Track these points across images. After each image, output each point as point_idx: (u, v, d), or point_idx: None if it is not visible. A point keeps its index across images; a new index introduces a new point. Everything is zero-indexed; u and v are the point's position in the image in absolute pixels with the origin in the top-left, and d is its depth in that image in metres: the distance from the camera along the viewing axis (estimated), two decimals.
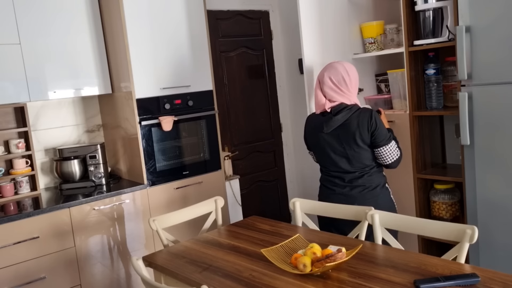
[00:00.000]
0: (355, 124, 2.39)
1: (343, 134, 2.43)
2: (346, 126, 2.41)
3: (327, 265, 1.72)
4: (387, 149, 2.40)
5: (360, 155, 2.43)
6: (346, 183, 2.47)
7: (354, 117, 2.40)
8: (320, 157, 2.60)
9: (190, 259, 2.10)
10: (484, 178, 2.52)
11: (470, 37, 2.44)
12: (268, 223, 2.47)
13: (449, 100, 2.91)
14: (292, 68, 4.41)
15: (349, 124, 2.41)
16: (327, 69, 2.52)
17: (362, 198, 2.42)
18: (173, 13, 3.25)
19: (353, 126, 2.40)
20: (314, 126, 2.56)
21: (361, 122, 2.38)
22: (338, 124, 2.43)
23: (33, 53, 2.92)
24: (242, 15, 4.20)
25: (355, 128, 2.39)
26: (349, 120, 2.41)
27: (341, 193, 2.48)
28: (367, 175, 2.45)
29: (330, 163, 2.52)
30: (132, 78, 3.07)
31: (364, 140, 2.40)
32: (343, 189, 2.48)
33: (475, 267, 1.73)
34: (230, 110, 4.15)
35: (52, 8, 2.99)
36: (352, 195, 2.45)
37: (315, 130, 2.56)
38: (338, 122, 2.43)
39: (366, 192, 2.44)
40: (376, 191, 2.45)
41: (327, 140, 2.49)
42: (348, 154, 2.44)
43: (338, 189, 2.49)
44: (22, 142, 3.07)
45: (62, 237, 2.81)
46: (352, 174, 2.46)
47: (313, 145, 2.62)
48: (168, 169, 3.28)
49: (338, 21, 3.18)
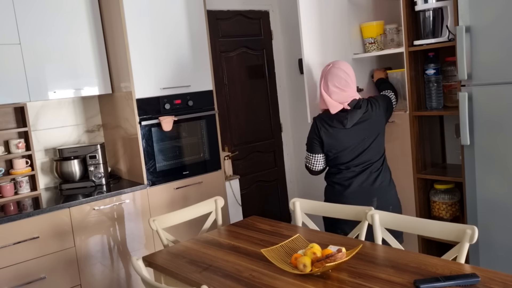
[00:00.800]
0: (375, 112, 2.59)
1: (365, 125, 2.56)
2: (368, 117, 2.56)
3: (327, 265, 1.72)
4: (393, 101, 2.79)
5: (378, 143, 2.59)
6: (369, 175, 2.57)
7: (369, 108, 2.58)
8: (340, 155, 2.58)
9: (190, 259, 2.10)
10: (484, 178, 2.52)
11: (470, 37, 2.44)
12: (268, 223, 2.48)
13: (449, 100, 2.91)
14: (292, 68, 4.41)
15: (369, 114, 2.57)
16: (328, 78, 2.58)
17: (381, 191, 2.57)
18: (173, 13, 3.25)
19: (375, 114, 2.58)
20: (330, 125, 2.57)
21: (379, 107, 2.62)
22: (359, 116, 2.55)
23: (33, 53, 2.92)
24: (242, 15, 4.20)
25: (377, 115, 2.59)
26: (367, 112, 2.57)
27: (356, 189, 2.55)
28: (383, 169, 2.60)
29: (352, 158, 2.57)
30: (132, 78, 3.07)
31: (383, 122, 2.64)
32: (363, 183, 2.56)
33: (475, 267, 1.73)
34: (230, 110, 4.15)
35: (52, 8, 2.99)
36: (370, 189, 2.55)
37: (332, 129, 2.57)
38: (359, 115, 2.55)
39: (385, 186, 2.58)
40: (391, 185, 2.62)
41: (349, 135, 2.56)
42: (372, 143, 2.57)
43: (355, 184, 2.56)
44: (22, 142, 3.07)
45: (62, 237, 2.81)
46: (376, 163, 2.58)
47: (331, 145, 2.58)
48: (168, 169, 3.28)
49: (338, 21, 3.18)
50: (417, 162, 2.99)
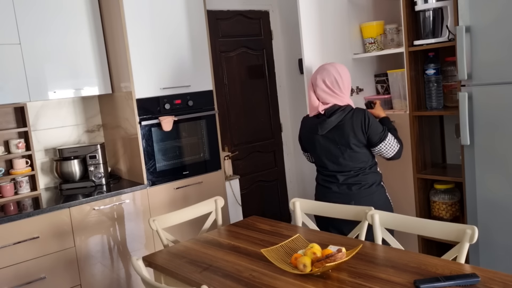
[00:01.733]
0: (349, 126, 2.41)
1: (338, 135, 2.44)
2: (341, 127, 2.43)
3: (327, 265, 1.72)
4: (385, 144, 2.42)
5: (357, 155, 2.45)
6: (342, 182, 2.48)
7: (348, 118, 2.42)
8: (316, 158, 2.61)
9: (190, 259, 2.10)
10: (484, 178, 2.52)
11: (470, 37, 2.44)
12: (268, 223, 2.48)
13: (449, 100, 2.91)
14: (292, 68, 4.41)
15: (344, 125, 2.42)
16: (319, 71, 2.53)
17: (358, 196, 2.45)
18: (173, 13, 3.25)
19: (347, 128, 2.41)
20: (309, 129, 2.58)
21: (355, 123, 2.40)
22: (332, 126, 2.44)
23: (33, 53, 2.92)
24: (242, 15, 4.20)
25: (349, 129, 2.41)
26: (343, 121, 2.43)
27: (337, 191, 2.50)
28: (362, 174, 2.47)
29: (326, 163, 2.53)
30: (132, 78, 3.07)
31: (360, 140, 2.42)
32: (340, 187, 2.50)
33: (475, 267, 1.73)
34: (230, 110, 4.15)
35: (52, 8, 2.99)
36: (348, 193, 2.47)
37: (310, 133, 2.57)
38: (332, 124, 2.44)
39: (363, 190, 2.46)
40: (372, 189, 2.47)
41: (322, 142, 2.51)
42: (344, 155, 2.46)
43: (335, 188, 2.51)
44: (22, 142, 3.07)
45: (62, 237, 2.81)
46: (347, 173, 2.48)
47: (308, 147, 2.63)
48: (168, 169, 3.28)
49: (338, 21, 3.18)
50: (417, 162, 2.99)
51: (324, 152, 2.51)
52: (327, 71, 2.49)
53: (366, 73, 3.38)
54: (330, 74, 2.47)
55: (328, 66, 2.52)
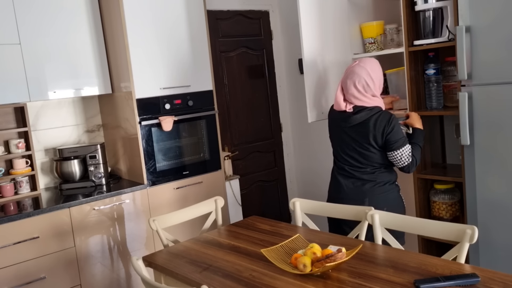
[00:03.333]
0: (372, 125, 2.43)
1: (359, 132, 2.48)
2: (364, 125, 2.46)
3: (327, 265, 1.72)
4: (398, 154, 2.43)
5: (372, 155, 2.48)
6: (358, 178, 2.52)
7: (373, 119, 2.44)
8: (334, 149, 2.67)
9: (190, 259, 2.10)
10: (484, 178, 2.52)
11: (470, 37, 2.44)
12: (268, 223, 2.48)
13: (449, 100, 2.91)
14: (292, 68, 4.41)
15: (367, 124, 2.44)
16: (349, 75, 2.49)
17: (372, 193, 2.48)
18: (173, 13, 3.25)
19: (370, 127, 2.44)
20: (333, 120, 2.64)
21: (378, 124, 2.42)
22: (356, 122, 2.47)
23: (33, 53, 2.92)
24: (242, 15, 4.20)
25: (371, 129, 2.44)
26: (368, 120, 2.45)
27: (351, 187, 2.53)
28: (378, 172, 2.50)
29: (343, 157, 2.58)
30: (132, 78, 3.07)
31: (378, 142, 2.45)
32: (354, 183, 2.53)
33: (475, 267, 1.73)
34: (230, 110, 4.15)
35: (52, 8, 2.99)
36: (362, 189, 2.50)
37: (335, 124, 2.63)
38: (356, 121, 2.47)
39: (376, 188, 2.49)
40: (386, 187, 2.50)
41: (343, 135, 2.55)
42: (360, 153, 2.50)
43: (349, 183, 2.55)
44: (22, 142, 3.07)
45: (62, 237, 2.81)
46: (363, 170, 2.51)
47: (331, 136, 2.69)
48: (168, 169, 3.28)
49: (338, 21, 3.18)
50: None
51: (343, 146, 2.56)
52: (357, 75, 2.45)
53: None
54: (361, 78, 2.44)
55: (358, 68, 2.46)
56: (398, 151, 2.42)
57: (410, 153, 2.45)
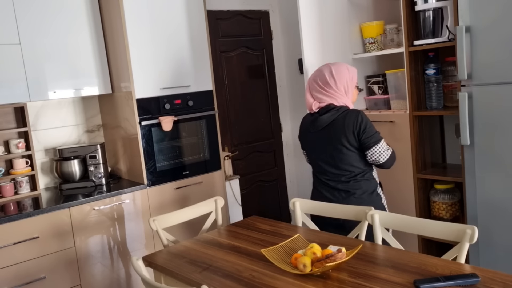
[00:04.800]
0: (341, 125, 2.37)
1: (329, 135, 2.41)
2: (333, 127, 2.39)
3: (327, 265, 1.72)
4: (377, 149, 2.35)
5: (347, 157, 2.39)
6: (331, 187, 2.45)
7: (340, 118, 2.38)
8: (309, 157, 2.59)
9: (190, 259, 2.10)
10: (484, 178, 2.52)
11: (470, 37, 2.44)
12: (268, 223, 2.47)
13: (449, 100, 2.91)
14: (292, 68, 4.41)
15: (336, 124, 2.38)
16: (314, 72, 2.53)
17: (347, 203, 2.37)
18: (173, 13, 3.25)
19: (339, 127, 2.37)
20: (305, 126, 2.57)
21: (347, 123, 2.35)
22: (325, 124, 2.41)
23: (33, 53, 2.92)
24: (242, 15, 4.20)
25: (341, 129, 2.37)
26: (336, 120, 2.39)
27: (328, 197, 2.46)
28: (353, 181, 2.40)
29: (318, 164, 2.51)
30: (132, 78, 3.07)
31: (351, 142, 2.36)
32: (329, 192, 2.46)
33: (475, 267, 1.73)
34: (230, 110, 4.15)
35: (52, 8, 2.99)
36: (336, 200, 2.42)
37: (305, 130, 2.56)
38: (324, 122, 2.41)
39: (352, 198, 2.39)
40: (362, 198, 2.39)
41: (314, 140, 2.49)
42: (334, 156, 2.41)
43: (327, 193, 2.47)
44: (22, 142, 3.07)
45: (62, 237, 2.81)
46: (337, 177, 2.43)
47: (304, 144, 2.62)
48: (168, 169, 3.28)
49: (338, 21, 3.18)
50: (417, 162, 2.99)
51: (316, 151, 2.49)
52: (319, 71, 2.49)
53: (366, 73, 3.38)
54: (323, 75, 2.45)
55: (323, 66, 2.51)
56: (377, 146, 2.34)
57: (387, 145, 2.39)
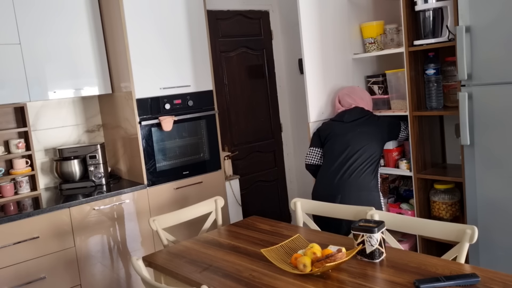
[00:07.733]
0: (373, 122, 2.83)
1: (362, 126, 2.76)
2: (365, 119, 2.82)
3: (327, 265, 1.72)
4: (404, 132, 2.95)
5: (367, 149, 2.71)
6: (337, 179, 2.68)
7: (371, 116, 2.86)
8: (326, 148, 2.82)
9: (190, 259, 2.10)
10: (484, 178, 2.52)
11: (470, 37, 2.44)
12: (268, 223, 2.48)
13: (449, 100, 2.91)
14: (292, 68, 4.41)
15: (370, 120, 2.83)
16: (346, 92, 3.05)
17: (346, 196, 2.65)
18: (173, 13, 3.25)
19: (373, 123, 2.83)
20: (330, 120, 2.92)
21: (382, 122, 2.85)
22: (358, 116, 2.83)
23: (33, 53, 2.92)
24: (242, 15, 4.20)
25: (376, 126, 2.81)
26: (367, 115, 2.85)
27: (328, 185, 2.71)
28: (359, 175, 2.68)
29: (333, 153, 2.70)
30: (132, 78, 3.07)
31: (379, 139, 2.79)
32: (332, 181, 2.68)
33: (475, 267, 1.73)
34: (230, 110, 4.15)
35: (52, 8, 2.99)
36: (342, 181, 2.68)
37: (331, 122, 2.95)
38: (357, 113, 2.85)
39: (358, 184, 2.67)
40: (362, 194, 2.65)
41: (343, 126, 2.79)
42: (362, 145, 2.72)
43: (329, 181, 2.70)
44: (22, 142, 3.07)
45: (62, 237, 2.81)
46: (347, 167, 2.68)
47: (325, 130, 2.89)
48: (168, 169, 3.28)
49: (338, 21, 3.18)
50: (417, 162, 2.98)
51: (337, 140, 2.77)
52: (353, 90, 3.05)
53: (365, 73, 3.38)
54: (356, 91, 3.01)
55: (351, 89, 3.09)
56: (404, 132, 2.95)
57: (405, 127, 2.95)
